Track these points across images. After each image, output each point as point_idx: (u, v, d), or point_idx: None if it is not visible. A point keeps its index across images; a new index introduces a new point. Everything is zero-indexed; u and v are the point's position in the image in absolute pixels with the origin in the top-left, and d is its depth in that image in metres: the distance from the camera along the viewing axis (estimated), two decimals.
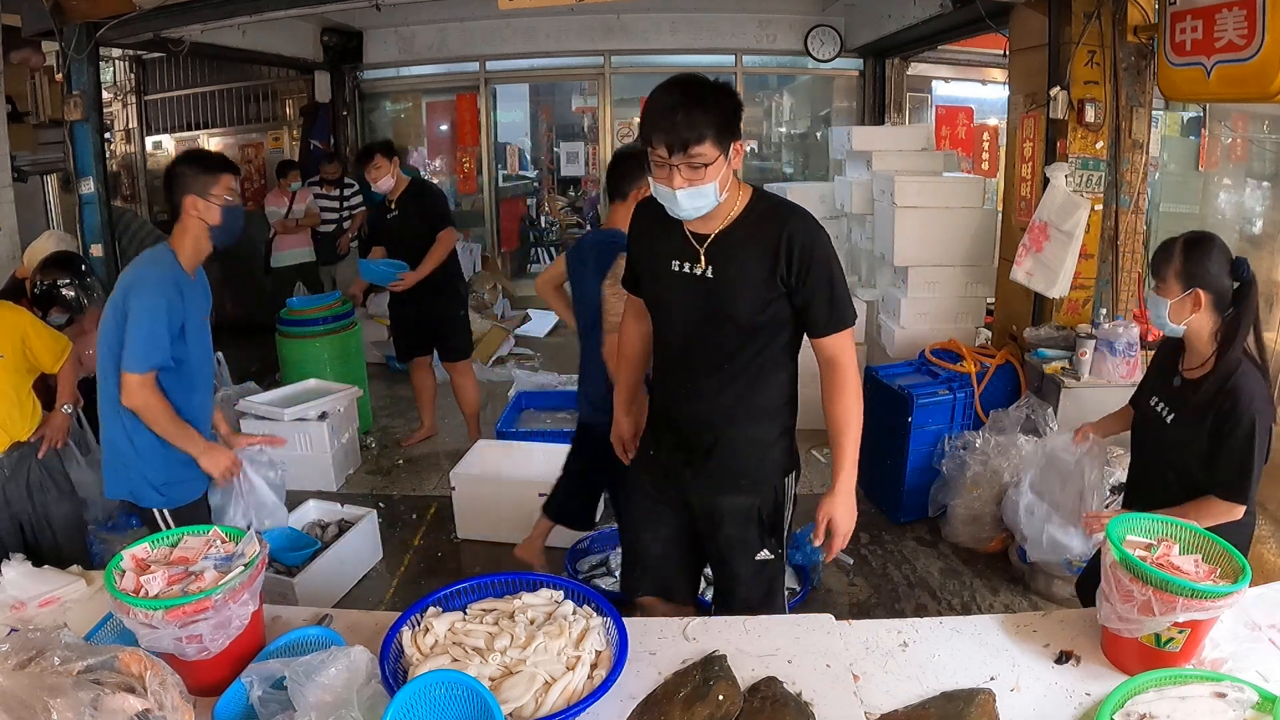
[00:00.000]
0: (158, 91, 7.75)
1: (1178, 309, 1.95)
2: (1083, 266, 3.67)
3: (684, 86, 1.64)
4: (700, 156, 1.62)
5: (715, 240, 1.77)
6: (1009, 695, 1.45)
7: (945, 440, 3.62)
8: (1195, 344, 1.99)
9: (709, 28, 6.96)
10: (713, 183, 1.67)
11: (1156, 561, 1.50)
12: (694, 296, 1.80)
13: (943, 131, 6.95)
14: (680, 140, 1.61)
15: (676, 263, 1.80)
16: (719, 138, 1.63)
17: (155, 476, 2.31)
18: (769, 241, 1.74)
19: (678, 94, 1.62)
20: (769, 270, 1.75)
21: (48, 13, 3.91)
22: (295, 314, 4.74)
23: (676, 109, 1.61)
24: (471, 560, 3.55)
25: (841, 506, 1.85)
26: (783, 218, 1.76)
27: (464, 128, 7.54)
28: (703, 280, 1.78)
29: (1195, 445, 1.93)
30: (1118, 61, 3.56)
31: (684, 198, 1.68)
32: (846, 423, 1.85)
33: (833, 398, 1.85)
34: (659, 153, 1.64)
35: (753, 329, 1.80)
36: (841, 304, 1.80)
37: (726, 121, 1.64)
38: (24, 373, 2.52)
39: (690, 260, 1.79)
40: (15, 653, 1.22)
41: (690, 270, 1.79)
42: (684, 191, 1.67)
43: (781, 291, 1.76)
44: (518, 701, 1.32)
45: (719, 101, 1.64)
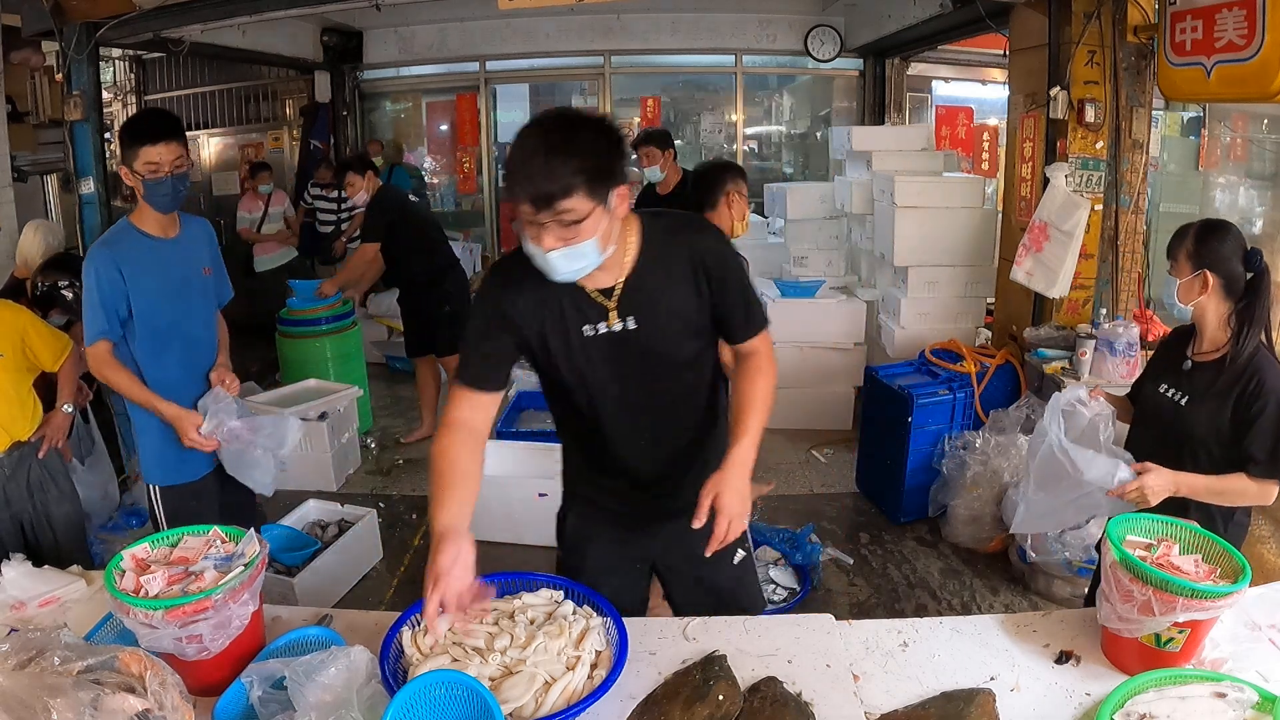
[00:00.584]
0: (158, 91, 7.75)
1: (1186, 289, 1.99)
2: (1083, 266, 3.67)
3: (546, 130, 1.39)
4: (570, 213, 1.36)
5: (624, 291, 1.55)
6: (1009, 695, 1.45)
7: (945, 440, 3.62)
8: (1205, 327, 2.01)
9: (709, 28, 6.96)
10: (590, 240, 1.41)
11: (1156, 561, 1.50)
12: (621, 355, 1.58)
13: (943, 131, 6.95)
14: (544, 195, 1.35)
15: (588, 327, 1.56)
16: (591, 188, 1.37)
17: (148, 452, 2.44)
18: (682, 267, 1.58)
19: (538, 140, 1.37)
20: (694, 295, 1.59)
21: (48, 13, 3.91)
22: (295, 314, 4.74)
23: (536, 158, 1.35)
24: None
25: (731, 484, 1.51)
26: (685, 237, 1.60)
27: (464, 128, 7.54)
28: (624, 335, 1.57)
29: (1214, 425, 1.94)
30: (1118, 61, 3.56)
31: (558, 260, 1.42)
32: (755, 398, 1.63)
33: (750, 378, 1.66)
34: (524, 209, 1.39)
35: (693, 358, 1.66)
36: (756, 307, 1.68)
37: (600, 167, 1.38)
38: (24, 372, 2.52)
39: (600, 319, 1.56)
40: (15, 653, 1.22)
41: (608, 330, 1.56)
42: (557, 254, 1.41)
43: (708, 310, 1.62)
44: (517, 701, 1.32)
45: (590, 145, 1.38)
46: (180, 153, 2.28)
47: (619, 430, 1.68)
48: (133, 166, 2.24)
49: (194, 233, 2.47)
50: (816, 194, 5.46)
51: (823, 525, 3.75)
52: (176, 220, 2.41)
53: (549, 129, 1.39)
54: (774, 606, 3.09)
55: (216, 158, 7.82)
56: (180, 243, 2.41)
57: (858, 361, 4.78)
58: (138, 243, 2.33)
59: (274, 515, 3.36)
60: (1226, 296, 1.96)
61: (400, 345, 5.38)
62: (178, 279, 2.38)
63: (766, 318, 1.69)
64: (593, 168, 1.37)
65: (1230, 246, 1.95)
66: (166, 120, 2.31)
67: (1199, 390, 1.99)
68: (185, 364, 2.42)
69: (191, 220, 2.51)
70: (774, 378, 1.69)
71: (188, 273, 2.42)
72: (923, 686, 1.48)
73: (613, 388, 1.62)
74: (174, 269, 2.37)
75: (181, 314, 2.39)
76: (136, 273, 2.29)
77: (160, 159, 2.23)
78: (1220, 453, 1.94)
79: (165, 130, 2.26)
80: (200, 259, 2.47)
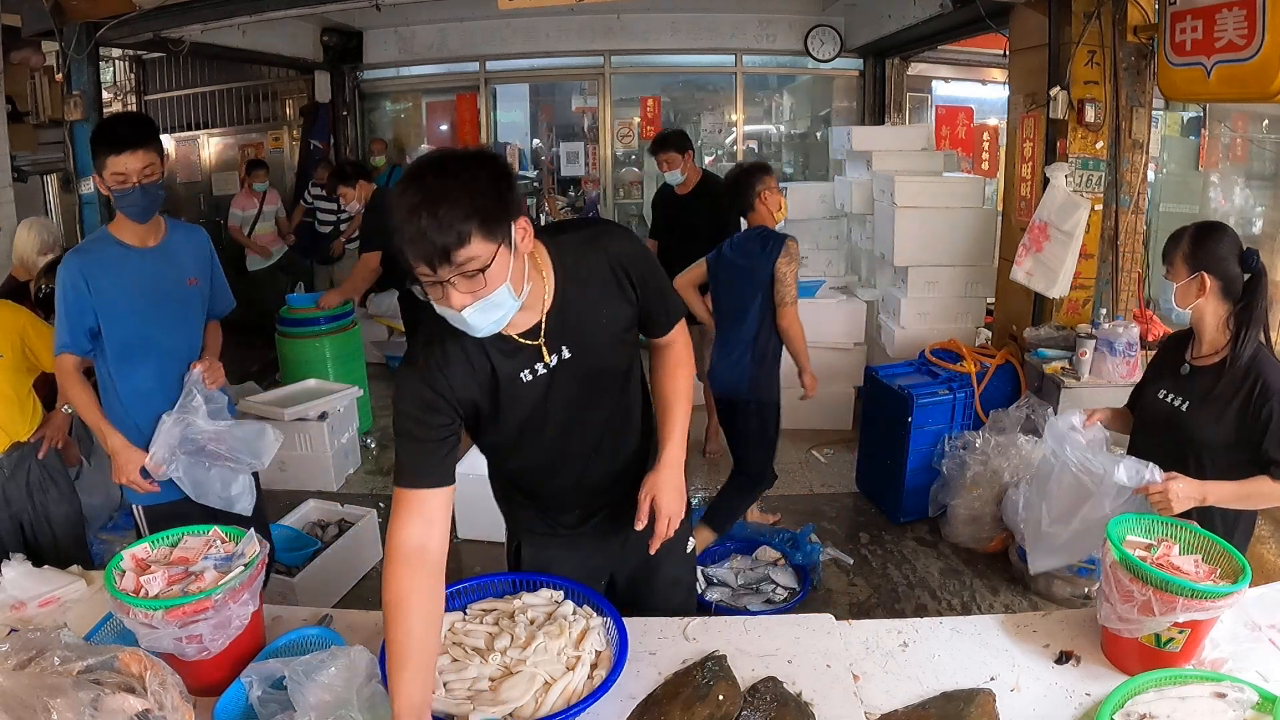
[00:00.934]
0: (158, 91, 7.75)
1: (1184, 292, 1.99)
2: (1083, 266, 3.67)
3: (423, 180, 1.24)
4: (472, 261, 1.24)
5: (549, 324, 1.46)
6: (1009, 695, 1.45)
7: (945, 440, 3.62)
8: (1204, 330, 2.00)
9: (709, 28, 6.95)
10: (501, 286, 1.29)
11: (1156, 562, 1.50)
12: (561, 387, 1.50)
13: (943, 131, 6.95)
14: (438, 249, 1.22)
15: (525, 373, 1.47)
16: (487, 229, 1.24)
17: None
18: (604, 277, 1.50)
19: (418, 192, 1.23)
20: (624, 303, 1.53)
21: (48, 13, 3.91)
22: (295, 313, 4.74)
23: (420, 212, 1.21)
24: (471, 560, 3.55)
25: (668, 484, 1.53)
26: (596, 243, 1.51)
27: (464, 128, 7.54)
28: (561, 367, 1.49)
29: (1217, 429, 1.93)
30: (1118, 61, 3.56)
31: (474, 316, 1.30)
32: (678, 393, 1.64)
33: (670, 373, 1.66)
34: (422, 272, 1.26)
35: (628, 366, 1.61)
36: (672, 298, 1.65)
37: (492, 204, 1.25)
38: (24, 372, 2.52)
39: (534, 361, 1.47)
40: (15, 653, 1.23)
41: (545, 369, 1.48)
42: (471, 310, 1.29)
43: (635, 314, 1.57)
44: (517, 702, 1.32)
45: (474, 182, 1.25)
46: (149, 160, 2.14)
47: (567, 458, 1.62)
48: (101, 175, 2.13)
49: (180, 241, 2.34)
50: (816, 194, 5.46)
51: (823, 525, 3.75)
52: (160, 227, 2.30)
53: (426, 178, 1.25)
54: (774, 606, 3.09)
55: (216, 158, 7.82)
56: (160, 252, 2.28)
57: (858, 361, 4.78)
58: (110, 252, 2.21)
59: (274, 515, 3.35)
60: (1224, 298, 1.95)
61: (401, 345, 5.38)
62: (151, 291, 2.25)
63: (681, 306, 1.69)
64: (484, 206, 1.24)
65: (1226, 248, 1.95)
66: (135, 126, 2.16)
67: (1200, 395, 1.98)
68: (160, 378, 2.29)
69: (181, 228, 2.40)
70: (693, 366, 1.71)
71: (165, 284, 2.28)
72: (923, 686, 1.48)
73: (557, 420, 1.54)
74: (148, 280, 2.24)
75: (155, 327, 2.26)
76: (105, 284, 2.19)
77: (127, 169, 2.10)
78: (1225, 456, 1.93)
79: (132, 138, 2.11)
80: (183, 269, 2.33)
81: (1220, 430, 1.93)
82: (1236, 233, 2.01)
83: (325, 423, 4.11)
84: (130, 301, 2.22)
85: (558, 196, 9.07)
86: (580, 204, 8.79)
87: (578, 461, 1.63)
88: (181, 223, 2.42)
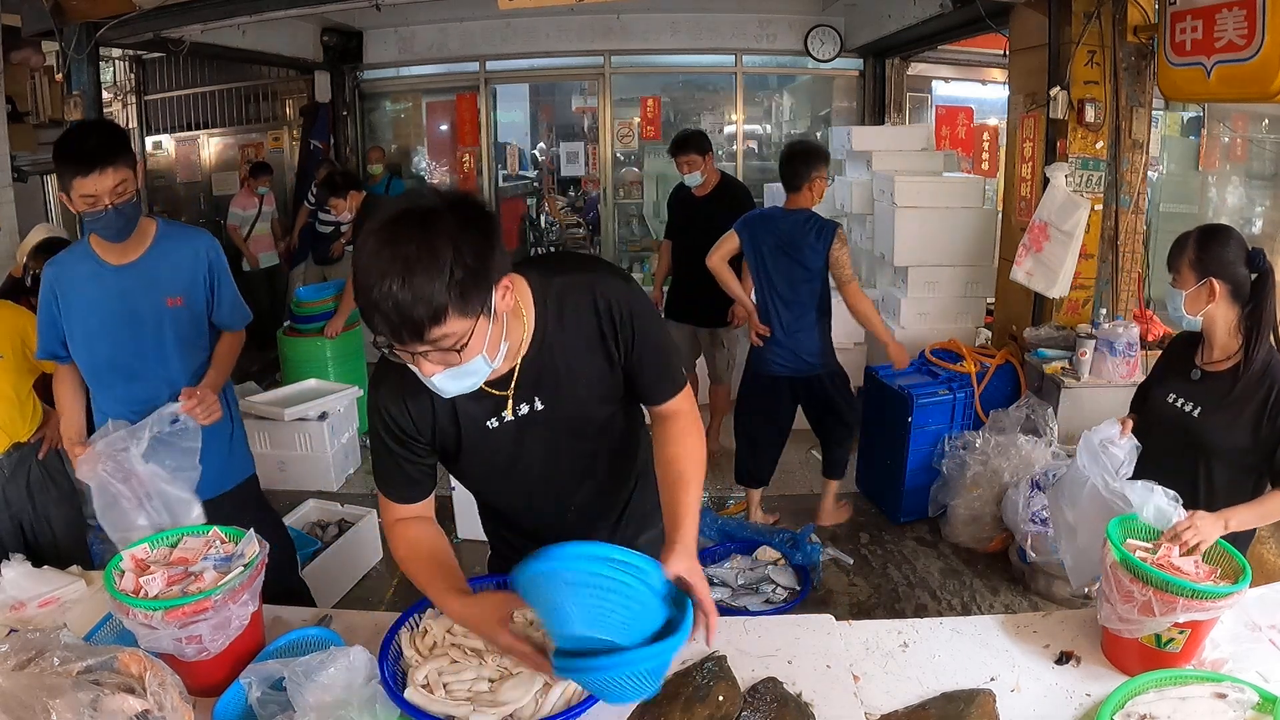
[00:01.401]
0: (158, 91, 7.76)
1: (1193, 300, 1.94)
2: (1083, 266, 3.67)
3: (395, 241, 1.07)
4: (446, 338, 1.11)
5: (522, 371, 1.35)
6: (1009, 696, 1.44)
7: (945, 440, 3.62)
8: (1215, 336, 1.96)
9: (709, 28, 6.96)
10: (477, 356, 1.17)
11: (1157, 562, 1.50)
12: (532, 438, 1.41)
13: (943, 131, 6.95)
14: (410, 325, 1.08)
15: (492, 420, 1.38)
16: (466, 303, 1.10)
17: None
18: (589, 331, 1.36)
19: (388, 256, 1.07)
20: (605, 360, 1.39)
21: (48, 13, 3.91)
22: (305, 306, 4.73)
23: (388, 280, 1.06)
24: (471, 560, 3.54)
25: (697, 573, 1.25)
26: (589, 291, 1.35)
27: (464, 128, 7.54)
28: (531, 417, 1.39)
29: (1231, 436, 1.91)
30: (1118, 61, 3.56)
31: (444, 382, 1.19)
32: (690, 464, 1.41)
33: (677, 440, 1.44)
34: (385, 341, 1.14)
35: (609, 418, 1.47)
36: (674, 361, 1.46)
37: (472, 272, 1.09)
38: (24, 373, 2.51)
39: (499, 411, 1.37)
40: (15, 653, 1.22)
41: (513, 416, 1.38)
42: (441, 376, 1.18)
43: (620, 373, 1.41)
44: (518, 703, 1.32)
45: (454, 245, 1.08)
46: (121, 178, 1.89)
47: (545, 498, 1.53)
48: (69, 195, 1.88)
49: (166, 253, 2.08)
50: None
51: (823, 525, 3.76)
52: (146, 238, 2.07)
53: (397, 239, 1.07)
54: (774, 606, 3.09)
55: (216, 158, 7.83)
56: (137, 269, 2.05)
57: (858, 361, 4.78)
58: (80, 269, 2.03)
59: None
60: (1234, 302, 1.92)
61: None
62: (123, 312, 2.04)
63: (684, 374, 1.49)
64: (464, 276, 1.08)
65: (1233, 250, 1.91)
66: (103, 141, 1.89)
67: (1212, 400, 1.95)
68: (129, 403, 2.07)
69: (175, 235, 2.14)
70: (703, 435, 1.49)
71: (140, 305, 2.06)
72: (923, 687, 1.48)
73: (530, 464, 1.45)
74: (118, 300, 2.04)
75: (127, 351, 2.07)
76: (74, 301, 2.04)
77: (97, 190, 1.85)
78: (1238, 462, 1.92)
79: (101, 155, 1.85)
80: (162, 287, 2.08)
81: (1233, 436, 1.91)
82: (1240, 233, 1.98)
83: (325, 423, 4.11)
84: (101, 322, 2.04)
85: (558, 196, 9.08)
86: (580, 204, 8.80)
87: (558, 500, 1.54)
88: (178, 228, 2.21)
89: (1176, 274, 1.98)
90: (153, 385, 2.10)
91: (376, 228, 1.10)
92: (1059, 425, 3.45)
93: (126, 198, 1.91)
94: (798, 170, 3.32)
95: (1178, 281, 1.97)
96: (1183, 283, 1.96)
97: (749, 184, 7.64)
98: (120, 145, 1.91)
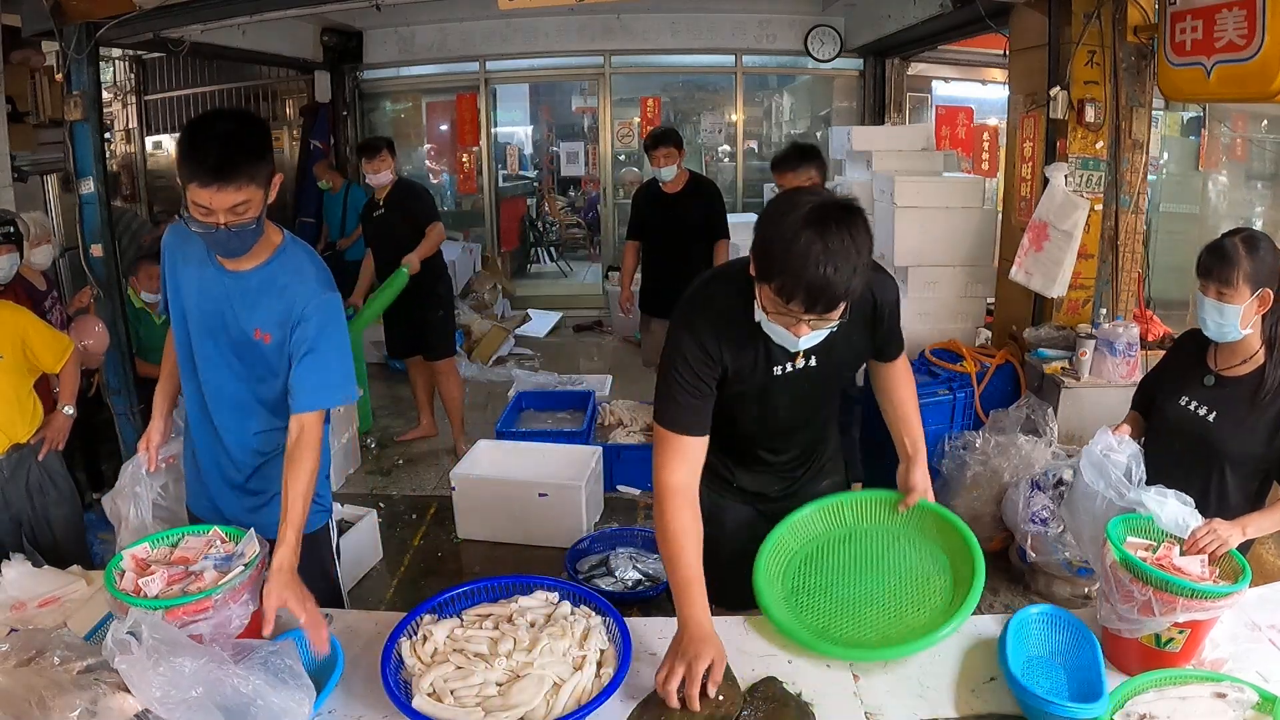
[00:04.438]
0: (158, 91, 7.76)
1: (1248, 313, 1.86)
2: (1082, 266, 3.67)
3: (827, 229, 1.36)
4: (837, 314, 1.42)
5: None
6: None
7: (945, 440, 3.62)
8: (1244, 341, 1.91)
9: (709, 28, 6.96)
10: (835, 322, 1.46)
11: (1157, 562, 1.50)
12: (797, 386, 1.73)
13: (943, 131, 6.95)
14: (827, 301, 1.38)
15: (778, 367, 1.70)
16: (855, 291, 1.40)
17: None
18: (862, 310, 1.65)
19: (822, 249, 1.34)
20: (869, 335, 1.74)
21: (48, 13, 3.90)
22: None
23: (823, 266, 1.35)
24: (471, 560, 3.55)
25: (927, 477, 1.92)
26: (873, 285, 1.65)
27: (464, 128, 7.54)
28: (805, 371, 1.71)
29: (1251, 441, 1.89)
30: (1118, 61, 3.55)
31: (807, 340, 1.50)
32: (913, 406, 1.91)
33: (906, 384, 1.89)
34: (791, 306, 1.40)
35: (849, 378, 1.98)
36: (899, 336, 1.82)
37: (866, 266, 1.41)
38: (24, 373, 2.51)
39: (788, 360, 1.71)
40: (15, 652, 1.23)
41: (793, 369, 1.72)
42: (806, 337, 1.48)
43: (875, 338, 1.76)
44: (529, 705, 1.32)
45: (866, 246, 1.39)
46: (245, 197, 1.58)
47: (773, 438, 1.84)
48: (185, 193, 1.60)
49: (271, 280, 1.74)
50: None
51: None
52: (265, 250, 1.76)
53: (828, 232, 1.34)
54: None
55: None
56: (242, 283, 1.75)
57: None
58: (195, 248, 1.77)
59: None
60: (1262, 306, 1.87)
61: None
62: (218, 312, 1.78)
63: (903, 342, 1.85)
64: (863, 267, 1.39)
65: (1275, 255, 1.84)
66: (233, 148, 1.56)
67: (1230, 406, 1.92)
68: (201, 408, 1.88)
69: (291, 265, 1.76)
70: (914, 384, 1.92)
71: (232, 316, 1.76)
72: (923, 687, 1.48)
73: (781, 410, 1.75)
74: (220, 298, 1.77)
75: (210, 354, 1.82)
76: (178, 280, 1.82)
77: (212, 204, 1.56)
78: (1249, 467, 1.91)
79: (223, 170, 1.55)
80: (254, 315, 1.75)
81: (1248, 443, 1.89)
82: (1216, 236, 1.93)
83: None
84: (199, 317, 1.79)
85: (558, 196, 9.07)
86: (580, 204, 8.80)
87: (778, 443, 1.85)
88: (300, 258, 1.79)
89: (1228, 286, 1.84)
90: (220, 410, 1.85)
91: (808, 217, 1.35)
92: (1059, 425, 3.45)
93: (245, 219, 1.61)
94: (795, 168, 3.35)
95: (1230, 295, 1.84)
96: (1238, 296, 1.84)
97: (749, 184, 7.70)
98: (255, 156, 1.60)
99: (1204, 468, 1.94)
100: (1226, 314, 1.86)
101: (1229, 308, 1.85)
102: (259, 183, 1.61)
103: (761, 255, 1.42)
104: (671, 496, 1.55)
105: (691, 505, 1.56)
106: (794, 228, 1.35)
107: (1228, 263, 1.84)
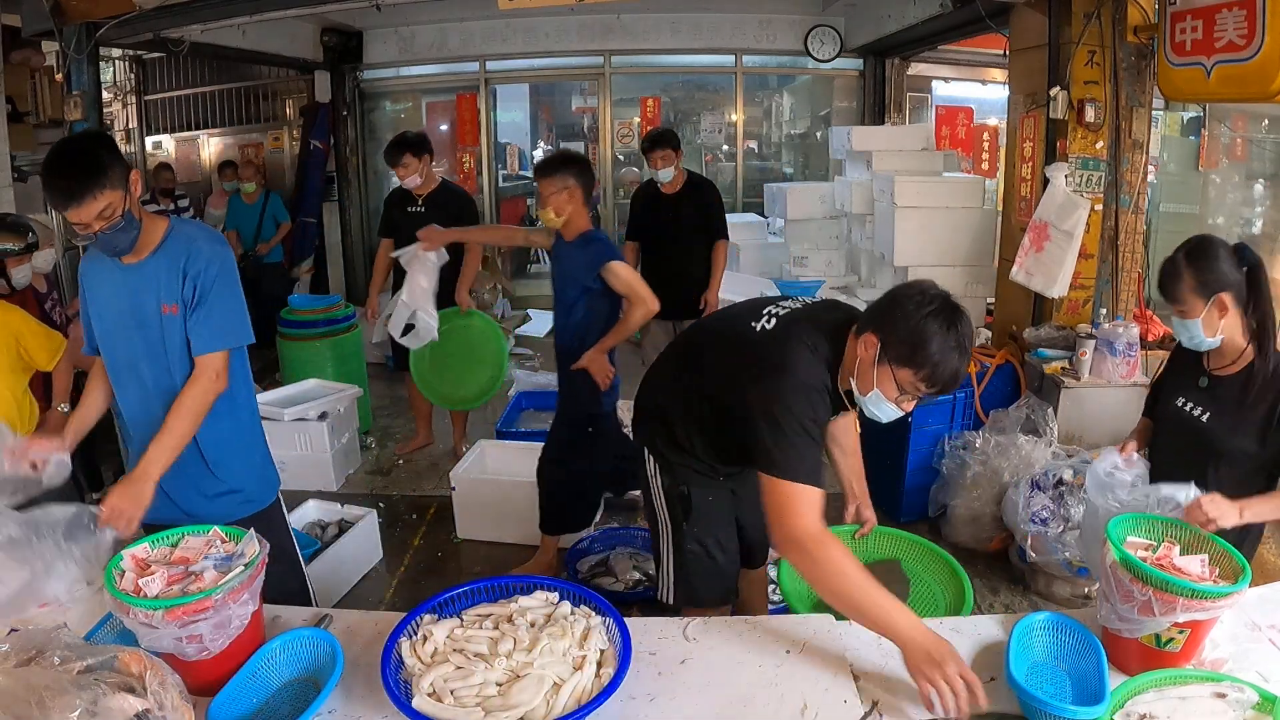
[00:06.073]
0: (158, 91, 7.76)
1: (1209, 322, 1.87)
2: (1083, 266, 3.67)
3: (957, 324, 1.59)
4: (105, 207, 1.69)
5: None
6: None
7: (945, 440, 3.62)
8: (1228, 343, 1.92)
9: (709, 28, 6.96)
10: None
11: (1157, 562, 1.50)
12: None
13: (943, 131, 6.96)
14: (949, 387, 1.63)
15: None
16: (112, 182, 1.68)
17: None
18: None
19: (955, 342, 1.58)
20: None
21: (48, 13, 3.91)
22: (297, 314, 4.73)
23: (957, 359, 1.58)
24: (471, 560, 3.54)
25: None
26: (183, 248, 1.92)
27: (464, 128, 7.54)
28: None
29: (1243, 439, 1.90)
30: (1118, 61, 3.56)
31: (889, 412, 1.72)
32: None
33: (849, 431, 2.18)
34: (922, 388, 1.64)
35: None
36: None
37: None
38: (19, 373, 2.51)
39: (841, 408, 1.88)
40: (15, 652, 1.23)
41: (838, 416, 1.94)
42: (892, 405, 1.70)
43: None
44: (529, 705, 1.32)
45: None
46: (104, 204, 1.78)
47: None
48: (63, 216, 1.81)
49: (166, 256, 1.94)
50: (816, 194, 5.47)
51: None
52: (154, 239, 1.95)
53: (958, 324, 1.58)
54: (774, 606, 3.08)
55: (216, 158, 7.82)
56: (142, 271, 1.95)
57: None
58: (102, 263, 1.97)
59: None
60: (1238, 305, 1.88)
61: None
62: (133, 312, 1.96)
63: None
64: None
65: (1224, 259, 1.87)
66: (77, 171, 1.77)
67: (1222, 404, 1.94)
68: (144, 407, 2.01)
69: (180, 238, 1.97)
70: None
71: (144, 307, 1.95)
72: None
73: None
74: (129, 299, 1.96)
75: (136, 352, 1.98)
76: (94, 297, 2.01)
77: (80, 219, 1.78)
78: (1246, 465, 1.92)
79: (74, 192, 1.76)
80: (159, 293, 1.94)
81: (1241, 440, 1.90)
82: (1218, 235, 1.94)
83: (325, 423, 4.11)
84: (114, 321, 1.98)
85: None
86: None
87: None
88: (188, 231, 2.01)
89: (1180, 303, 1.88)
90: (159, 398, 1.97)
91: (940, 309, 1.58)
92: (1059, 425, 3.45)
93: (115, 220, 1.82)
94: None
95: (1185, 311, 1.88)
96: (1191, 310, 1.87)
97: (749, 184, 7.69)
98: (97, 171, 1.77)
99: (1202, 467, 1.95)
100: (1190, 328, 1.91)
101: (1189, 322, 1.90)
102: (113, 187, 1.80)
103: (907, 347, 1.58)
104: (823, 541, 1.63)
105: (836, 542, 1.64)
106: (940, 324, 1.57)
107: (1172, 280, 1.90)
